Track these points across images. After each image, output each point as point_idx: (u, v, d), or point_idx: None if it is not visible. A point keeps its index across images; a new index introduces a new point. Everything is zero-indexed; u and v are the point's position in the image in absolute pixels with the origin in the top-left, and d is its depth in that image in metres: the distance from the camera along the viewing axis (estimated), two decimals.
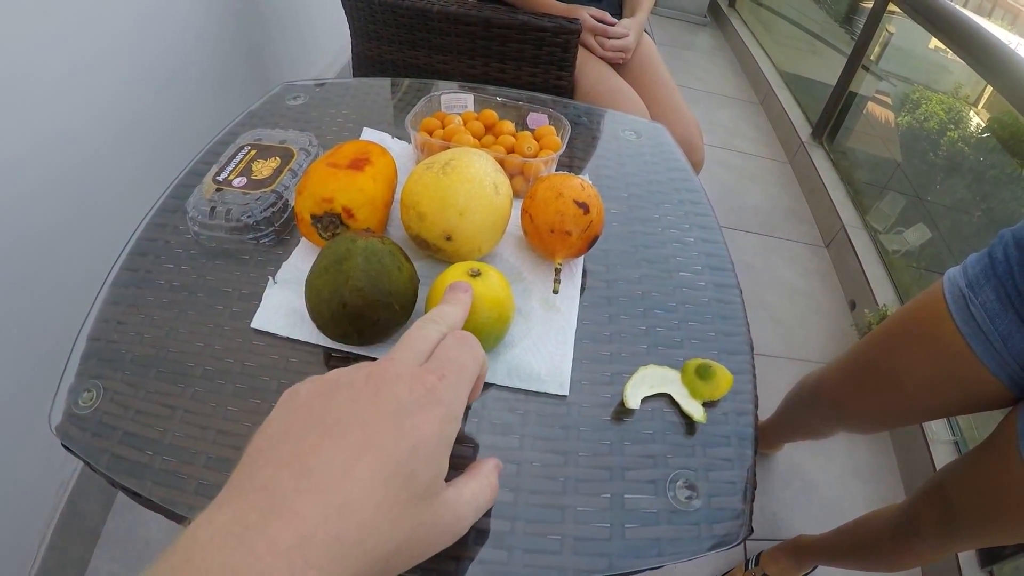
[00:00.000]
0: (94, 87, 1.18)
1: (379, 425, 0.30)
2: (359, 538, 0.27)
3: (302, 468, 0.28)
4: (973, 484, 0.93)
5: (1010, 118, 2.29)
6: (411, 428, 0.31)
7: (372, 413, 0.31)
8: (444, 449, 0.33)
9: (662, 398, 0.67)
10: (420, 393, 0.32)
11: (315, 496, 0.27)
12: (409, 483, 0.30)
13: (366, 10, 1.44)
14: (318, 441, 0.29)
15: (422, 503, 0.31)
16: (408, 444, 0.30)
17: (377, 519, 0.28)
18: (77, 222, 1.17)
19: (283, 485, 0.27)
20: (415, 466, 0.30)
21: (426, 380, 0.33)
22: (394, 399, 0.32)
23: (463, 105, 0.95)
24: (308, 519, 0.26)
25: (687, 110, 1.60)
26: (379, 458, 0.29)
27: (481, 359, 0.39)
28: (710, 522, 0.59)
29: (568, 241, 0.72)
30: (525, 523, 0.57)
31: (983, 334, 0.85)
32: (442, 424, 0.32)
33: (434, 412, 0.32)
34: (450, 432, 0.33)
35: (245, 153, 0.85)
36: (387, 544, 0.29)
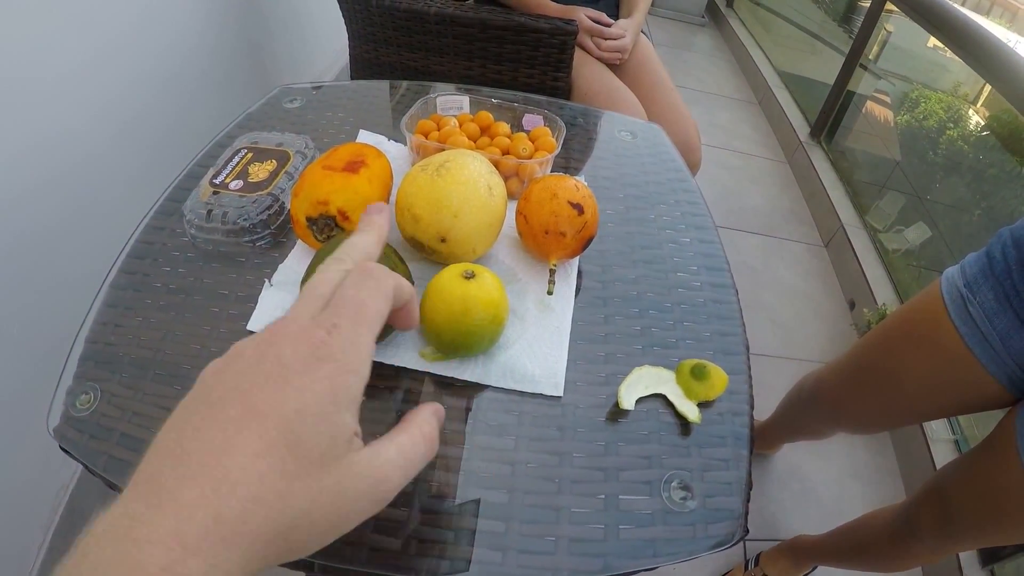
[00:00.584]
0: (92, 88, 1.18)
1: (260, 393, 0.28)
2: (241, 516, 0.26)
3: (181, 453, 0.27)
4: (972, 485, 0.93)
5: (1009, 116, 2.29)
6: (294, 391, 0.28)
7: (253, 381, 0.29)
8: (339, 408, 0.30)
9: (657, 399, 0.67)
10: (305, 352, 0.30)
11: (194, 479, 0.26)
12: (296, 450, 0.28)
13: (363, 13, 1.44)
14: (199, 422, 0.28)
15: (318, 470, 0.28)
16: (291, 408, 0.28)
17: (262, 493, 0.26)
18: (75, 224, 1.17)
19: (164, 474, 0.26)
20: (301, 431, 0.28)
21: (313, 336, 0.30)
22: (277, 362, 0.29)
23: (459, 107, 0.96)
24: (186, 504, 0.25)
25: (685, 111, 1.60)
26: (260, 428, 0.27)
27: (389, 289, 0.34)
28: (705, 523, 0.59)
29: (563, 242, 0.72)
30: (520, 524, 0.57)
31: (981, 334, 0.85)
32: (332, 381, 0.29)
33: (321, 370, 0.29)
34: (345, 387, 0.30)
35: (242, 156, 0.85)
36: (279, 519, 0.27)
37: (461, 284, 0.62)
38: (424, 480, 0.59)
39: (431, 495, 0.58)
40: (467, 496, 0.58)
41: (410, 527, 0.56)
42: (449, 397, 0.65)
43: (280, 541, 0.27)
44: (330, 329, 0.31)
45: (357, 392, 0.31)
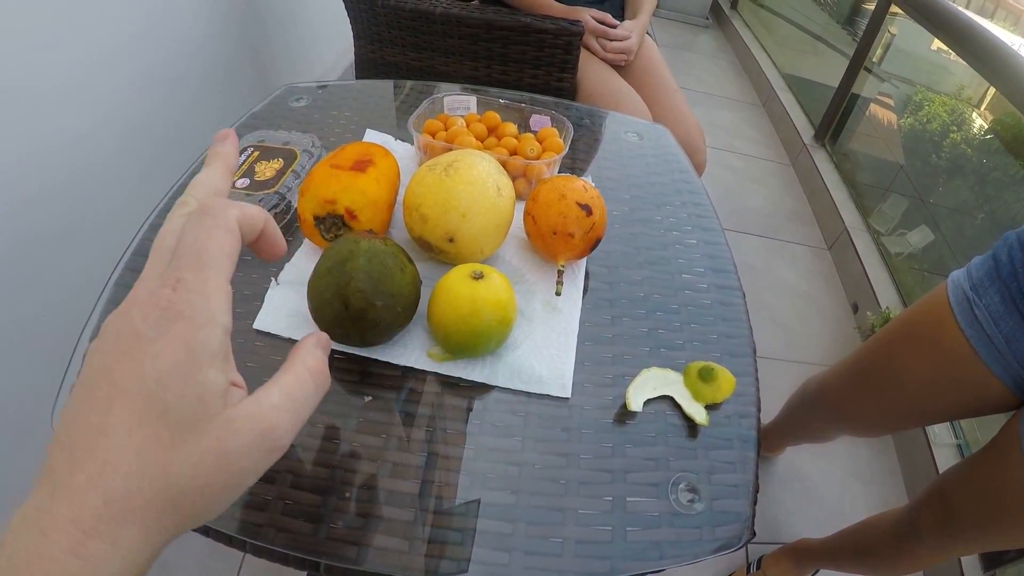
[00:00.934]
0: (99, 90, 1.18)
1: (121, 368, 0.27)
2: (127, 494, 0.26)
3: (69, 441, 0.27)
4: (975, 488, 0.92)
5: (1013, 119, 2.28)
6: (151, 359, 0.27)
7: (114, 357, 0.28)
8: (200, 366, 0.28)
9: (664, 400, 0.67)
10: (155, 316, 0.28)
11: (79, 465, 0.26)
12: (166, 418, 0.27)
13: (369, 12, 1.44)
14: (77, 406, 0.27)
15: (194, 434, 0.28)
16: (151, 378, 0.27)
17: (142, 468, 0.26)
18: (81, 223, 1.17)
19: (59, 465, 0.26)
20: (166, 397, 0.27)
21: (160, 297, 0.28)
22: (131, 332, 0.28)
23: (466, 107, 0.95)
24: (77, 489, 0.25)
25: (689, 112, 1.60)
26: (127, 403, 0.27)
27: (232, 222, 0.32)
28: (712, 525, 0.59)
29: (571, 243, 0.72)
30: (526, 525, 0.57)
31: (987, 337, 0.85)
32: (187, 339, 0.28)
33: (173, 330, 0.28)
34: (203, 343, 0.28)
35: (248, 155, 0.85)
36: (166, 490, 0.27)
37: (469, 285, 0.62)
38: (430, 481, 0.59)
39: (437, 496, 0.58)
40: (473, 497, 0.58)
41: (416, 528, 0.56)
42: (456, 397, 0.65)
43: (174, 511, 0.27)
44: (175, 285, 0.29)
45: (218, 344, 0.29)
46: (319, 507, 0.56)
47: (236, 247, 0.32)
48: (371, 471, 0.59)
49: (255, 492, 0.56)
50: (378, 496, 0.57)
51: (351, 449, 0.60)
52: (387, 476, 0.59)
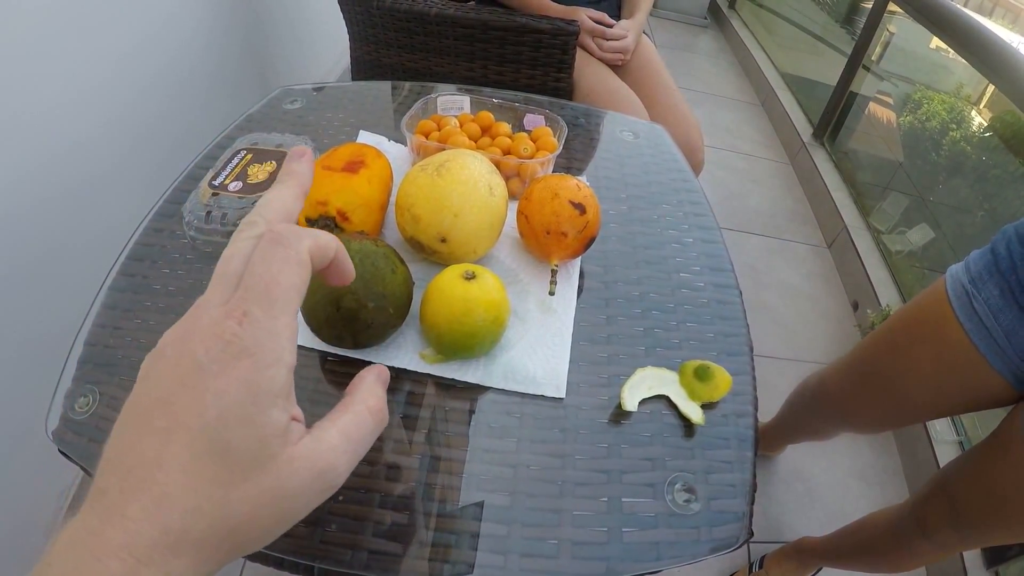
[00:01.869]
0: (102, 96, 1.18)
1: (180, 401, 0.27)
2: (184, 527, 0.25)
3: (124, 469, 0.26)
4: (978, 482, 0.92)
5: (1012, 117, 2.28)
6: (213, 396, 0.27)
7: (172, 387, 0.27)
8: (263, 407, 0.28)
9: (660, 400, 0.67)
10: (217, 349, 0.27)
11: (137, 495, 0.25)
12: (226, 458, 0.27)
13: (364, 14, 1.43)
14: (133, 435, 0.27)
15: (254, 473, 0.27)
16: (212, 416, 0.27)
17: (200, 504, 0.26)
18: (75, 226, 1.17)
19: (112, 489, 0.26)
20: (228, 438, 0.27)
21: (224, 329, 0.28)
22: (192, 363, 0.27)
23: (459, 107, 0.95)
24: (134, 519, 0.25)
25: (687, 111, 1.59)
26: (187, 438, 0.26)
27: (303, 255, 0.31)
28: (709, 525, 0.58)
29: (564, 242, 0.72)
30: (522, 527, 0.56)
31: (986, 330, 0.85)
32: (250, 378, 0.27)
33: (237, 368, 0.27)
34: (268, 382, 0.28)
35: (241, 157, 0.84)
36: (221, 526, 0.27)
37: (462, 285, 0.62)
38: (425, 483, 0.58)
39: (432, 498, 0.57)
40: (468, 499, 0.58)
41: (411, 531, 0.55)
42: (450, 399, 0.65)
43: (226, 545, 0.27)
44: (240, 319, 0.28)
45: (283, 382, 0.29)
46: (314, 511, 0.55)
47: (307, 280, 0.31)
48: (365, 474, 0.58)
49: None
50: (372, 499, 0.57)
51: None
52: (381, 479, 0.58)
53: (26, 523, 1.19)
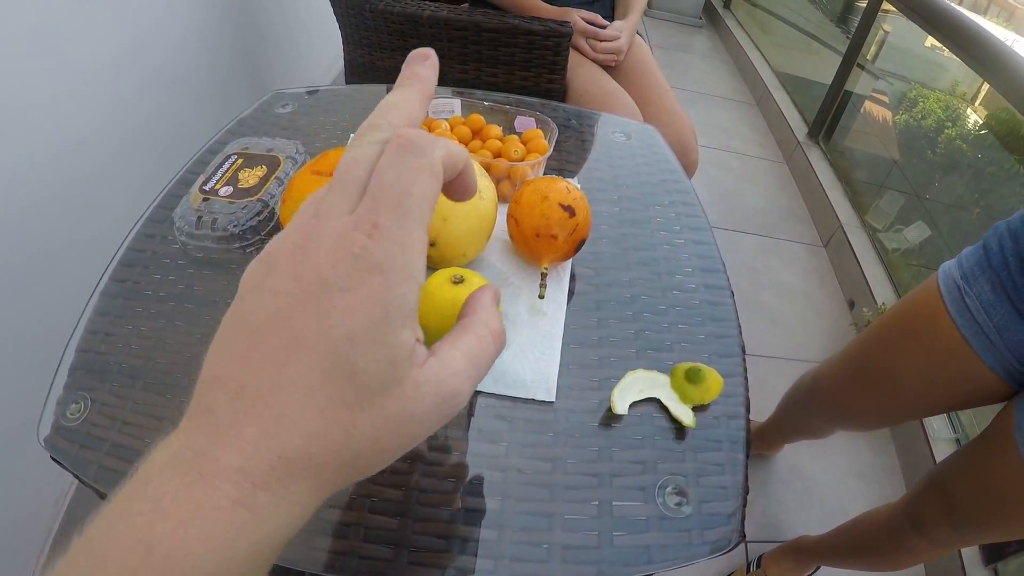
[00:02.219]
0: (94, 98, 1.18)
1: (302, 316, 0.25)
2: (305, 452, 0.24)
3: (236, 387, 0.25)
4: (973, 479, 0.92)
5: (1007, 115, 2.28)
6: (341, 313, 0.25)
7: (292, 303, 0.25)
8: (394, 327, 0.26)
9: (651, 403, 0.67)
10: (346, 263, 0.25)
11: (253, 415, 0.24)
12: (354, 379, 0.25)
13: (357, 17, 1.43)
14: (245, 351, 0.25)
15: (380, 397, 0.26)
16: (341, 333, 0.25)
17: (325, 428, 0.25)
18: (68, 232, 1.16)
19: (223, 408, 0.24)
20: (356, 360, 0.25)
21: (352, 242, 0.25)
22: (316, 278, 0.25)
23: (450, 110, 0.95)
24: (250, 440, 0.24)
25: (681, 112, 1.59)
26: (310, 357, 0.24)
27: (437, 164, 0.28)
28: (701, 528, 0.58)
29: (554, 245, 0.72)
30: (512, 531, 0.56)
31: (978, 326, 0.85)
32: (382, 296, 0.25)
33: (367, 285, 0.25)
34: (399, 301, 0.26)
35: (232, 162, 0.84)
36: (344, 451, 0.25)
37: (450, 289, 0.62)
38: (416, 488, 0.58)
39: (422, 503, 0.57)
40: (458, 503, 0.58)
41: (402, 536, 0.55)
42: None
43: (346, 469, 0.26)
44: (371, 231, 0.26)
45: (413, 302, 0.27)
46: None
47: (437, 192, 0.28)
48: None
49: None
50: (363, 504, 0.57)
51: None
52: (370, 483, 0.58)
53: (24, 530, 1.19)
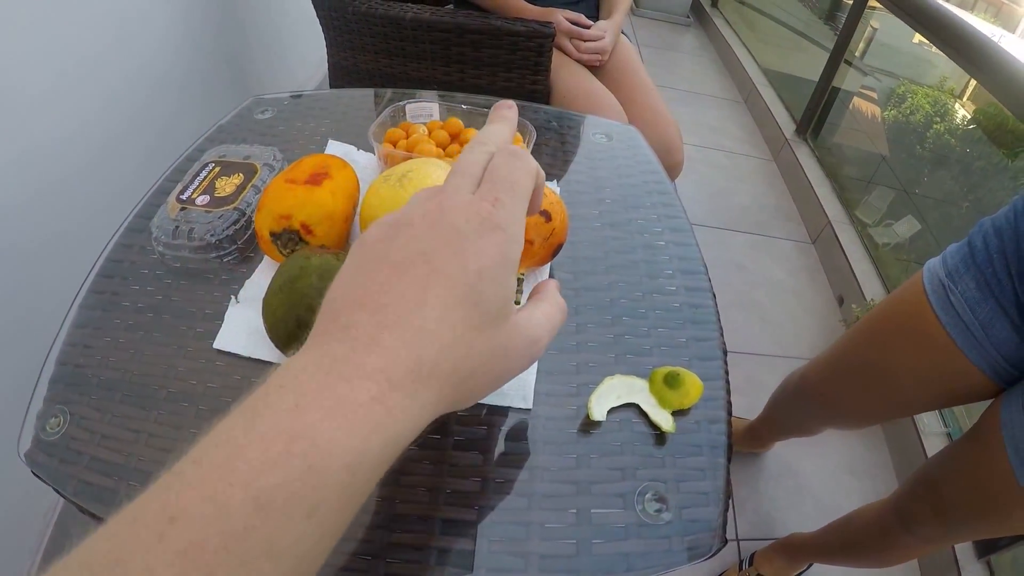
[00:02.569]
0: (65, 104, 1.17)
1: (441, 254, 0.31)
2: (437, 360, 0.29)
3: (377, 306, 0.29)
4: (960, 476, 0.92)
5: (995, 109, 2.29)
6: (473, 254, 0.31)
7: (433, 245, 0.31)
8: (509, 272, 0.33)
9: (630, 408, 0.66)
10: (477, 221, 0.32)
11: (394, 327, 0.28)
12: (481, 306, 0.31)
13: (340, 20, 1.43)
14: (387, 279, 0.30)
15: (496, 326, 0.32)
16: (474, 268, 0.31)
17: (455, 342, 0.30)
18: (47, 242, 1.15)
19: (363, 322, 0.29)
20: (483, 288, 0.31)
21: (481, 208, 0.32)
22: (452, 229, 0.31)
23: (428, 114, 0.94)
24: (390, 347, 0.28)
25: (666, 112, 1.59)
26: (448, 285, 0.30)
27: (534, 170, 0.37)
28: (681, 535, 0.58)
29: (530, 251, 0.71)
30: (490, 541, 0.56)
31: (963, 324, 0.85)
32: (504, 247, 0.32)
33: (494, 237, 0.32)
34: (513, 254, 0.33)
35: (209, 170, 0.84)
36: (464, 366, 0.30)
37: None
38: (388, 498, 0.57)
39: (396, 514, 0.57)
40: (433, 514, 0.57)
41: (375, 547, 0.54)
42: None
43: (462, 387, 0.31)
44: (493, 202, 0.33)
45: (518, 259, 0.33)
46: None
47: (532, 188, 0.36)
48: None
49: None
50: None
51: None
52: None
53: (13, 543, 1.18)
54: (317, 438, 0.25)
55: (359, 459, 0.26)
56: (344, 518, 0.26)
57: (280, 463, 0.24)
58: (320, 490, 0.24)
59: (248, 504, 0.23)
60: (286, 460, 0.24)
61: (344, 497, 0.26)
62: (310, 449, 0.24)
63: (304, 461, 0.24)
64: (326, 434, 0.25)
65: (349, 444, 0.25)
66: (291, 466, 0.24)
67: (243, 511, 0.23)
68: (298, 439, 0.24)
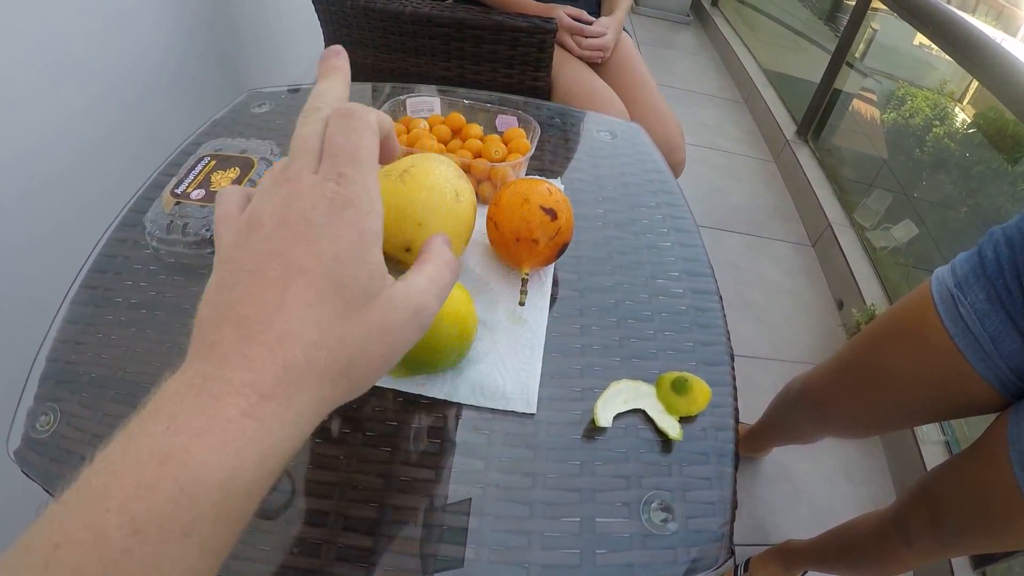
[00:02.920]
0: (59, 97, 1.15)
1: (294, 251, 0.30)
2: (308, 361, 0.28)
3: (239, 319, 0.29)
4: (962, 492, 0.90)
5: (995, 113, 2.29)
6: (327, 241, 0.30)
7: (284, 243, 0.30)
8: (370, 247, 0.32)
9: (636, 414, 0.65)
10: (324, 205, 0.31)
11: (257, 338, 0.28)
12: (343, 293, 0.30)
13: (339, 14, 1.41)
14: (245, 290, 0.30)
15: (365, 308, 0.31)
16: (329, 255, 0.30)
17: (322, 337, 0.29)
18: (39, 237, 1.13)
19: (228, 338, 0.28)
20: (343, 275, 0.30)
21: (325, 189, 0.31)
22: (301, 221, 0.31)
23: (429, 109, 0.92)
24: (256, 359, 0.28)
25: (668, 110, 1.58)
26: (305, 282, 0.30)
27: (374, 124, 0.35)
28: (687, 545, 0.56)
29: (535, 250, 0.69)
30: (490, 550, 0.54)
31: (972, 335, 0.83)
32: (357, 224, 0.31)
33: (344, 217, 0.31)
34: (370, 226, 0.32)
35: (204, 164, 0.82)
36: (339, 359, 0.30)
37: None
38: (390, 504, 0.56)
39: (397, 520, 0.55)
40: (434, 521, 0.55)
41: (375, 554, 0.53)
42: (416, 415, 0.62)
43: (343, 380, 0.30)
44: (338, 179, 0.32)
45: (379, 228, 0.33)
46: (274, 532, 0.53)
47: (378, 145, 0.35)
48: (328, 494, 0.56)
49: None
50: (337, 522, 0.55)
51: (307, 472, 0.57)
52: (344, 500, 0.56)
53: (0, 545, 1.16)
54: (188, 459, 0.25)
55: (233, 475, 0.26)
56: (227, 533, 0.27)
57: (153, 486, 0.24)
58: (194, 510, 0.25)
59: (124, 528, 0.23)
60: (158, 483, 0.24)
61: (222, 514, 0.26)
62: (181, 470, 0.25)
63: (176, 483, 0.24)
64: (197, 454, 0.25)
65: (222, 462, 0.26)
66: (163, 488, 0.24)
67: (119, 535, 0.23)
68: (169, 461, 0.25)
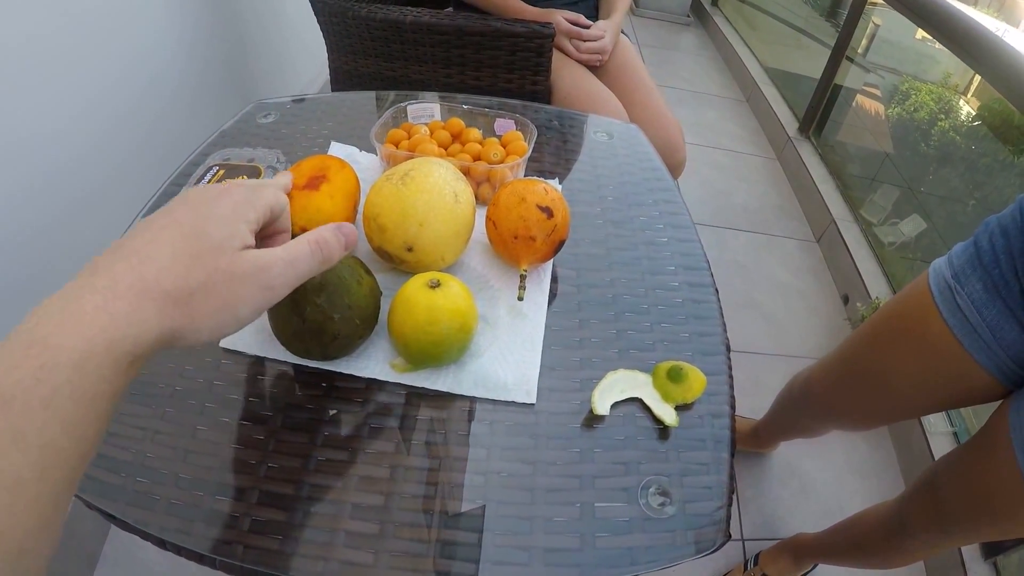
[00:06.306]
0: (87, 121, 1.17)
1: (180, 211, 0.39)
2: (156, 278, 0.35)
3: (119, 247, 0.36)
4: (964, 480, 0.91)
5: (1000, 105, 2.28)
6: (207, 206, 0.40)
7: (177, 208, 0.40)
8: (238, 219, 0.40)
9: (633, 403, 0.66)
10: (217, 191, 0.42)
11: (125, 259, 0.35)
12: (202, 238, 0.38)
13: (340, 24, 1.43)
14: (136, 231, 0.38)
15: (217, 254, 0.38)
16: (203, 214, 0.39)
17: (173, 264, 0.36)
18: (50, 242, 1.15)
19: (106, 259, 0.35)
20: (207, 227, 0.39)
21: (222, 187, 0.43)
22: (199, 196, 0.41)
23: (429, 115, 0.95)
24: (118, 271, 0.34)
25: (667, 111, 1.59)
26: (178, 228, 0.38)
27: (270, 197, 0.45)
28: (685, 529, 0.58)
29: (532, 247, 0.71)
30: (493, 535, 0.56)
31: (970, 326, 0.83)
32: (235, 204, 0.41)
33: (229, 197, 0.41)
34: (245, 207, 0.42)
35: (213, 173, 0.84)
36: (184, 285, 0.36)
37: (426, 294, 0.61)
38: (396, 493, 0.58)
39: (402, 508, 0.57)
40: (439, 508, 0.57)
41: (382, 541, 0.55)
42: (421, 408, 0.64)
43: (185, 305, 0.36)
44: (231, 187, 0.43)
45: (254, 219, 0.42)
46: (286, 522, 0.55)
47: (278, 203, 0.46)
48: (337, 485, 0.58)
49: (223, 510, 0.55)
50: (344, 510, 0.56)
51: (316, 464, 0.59)
52: (353, 489, 0.58)
53: None
54: (48, 343, 0.30)
55: (85, 357, 0.31)
56: (85, 411, 0.31)
57: (18, 365, 0.29)
58: (51, 383, 0.29)
59: None
60: (23, 362, 0.29)
61: (76, 391, 0.30)
62: (42, 352, 0.30)
63: (37, 362, 0.30)
64: (54, 340, 0.31)
65: (75, 345, 0.31)
66: (26, 366, 0.29)
67: None
68: (34, 345, 0.30)
